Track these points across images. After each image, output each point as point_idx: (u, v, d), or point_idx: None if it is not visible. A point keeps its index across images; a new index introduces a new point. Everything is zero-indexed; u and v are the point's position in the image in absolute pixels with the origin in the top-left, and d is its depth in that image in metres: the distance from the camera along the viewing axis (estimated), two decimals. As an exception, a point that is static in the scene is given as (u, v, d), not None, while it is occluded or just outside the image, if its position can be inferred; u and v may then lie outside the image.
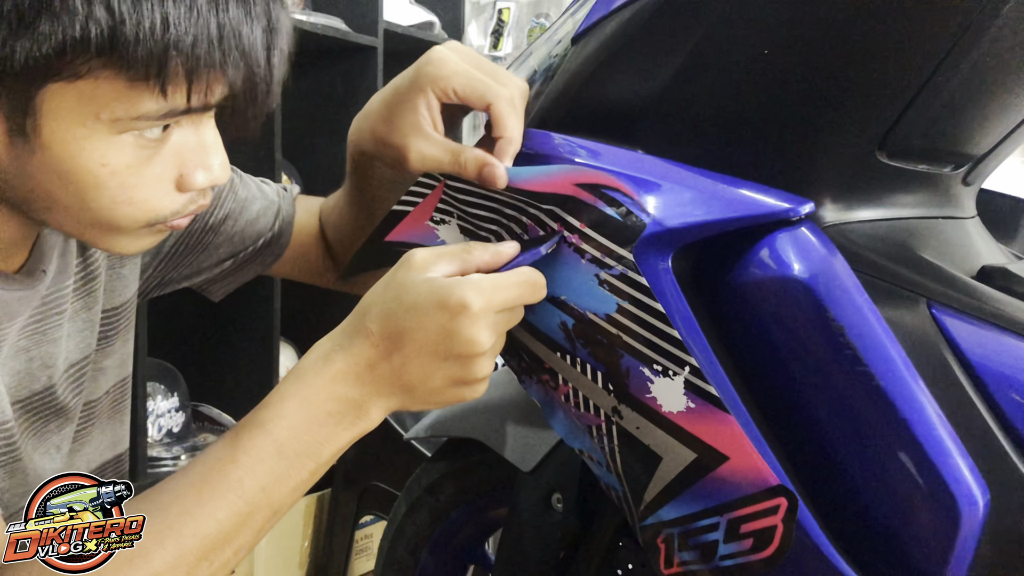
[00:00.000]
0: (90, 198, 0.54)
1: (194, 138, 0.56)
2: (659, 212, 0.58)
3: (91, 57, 0.49)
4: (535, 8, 2.44)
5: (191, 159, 0.56)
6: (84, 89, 0.50)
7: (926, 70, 0.57)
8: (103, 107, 0.51)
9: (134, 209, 0.55)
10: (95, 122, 0.51)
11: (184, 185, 0.57)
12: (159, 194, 0.56)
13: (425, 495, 1.05)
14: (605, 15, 0.63)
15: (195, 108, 0.53)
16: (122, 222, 0.56)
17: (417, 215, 0.67)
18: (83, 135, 0.51)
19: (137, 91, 0.50)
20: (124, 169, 0.53)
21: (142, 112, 0.51)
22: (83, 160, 0.52)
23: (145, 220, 0.56)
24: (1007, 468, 0.55)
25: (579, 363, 0.61)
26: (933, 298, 0.58)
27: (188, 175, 0.56)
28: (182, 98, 0.52)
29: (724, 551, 0.59)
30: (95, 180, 0.53)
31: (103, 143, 0.52)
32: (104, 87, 0.50)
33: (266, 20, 0.54)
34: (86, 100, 0.50)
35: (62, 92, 0.50)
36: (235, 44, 0.52)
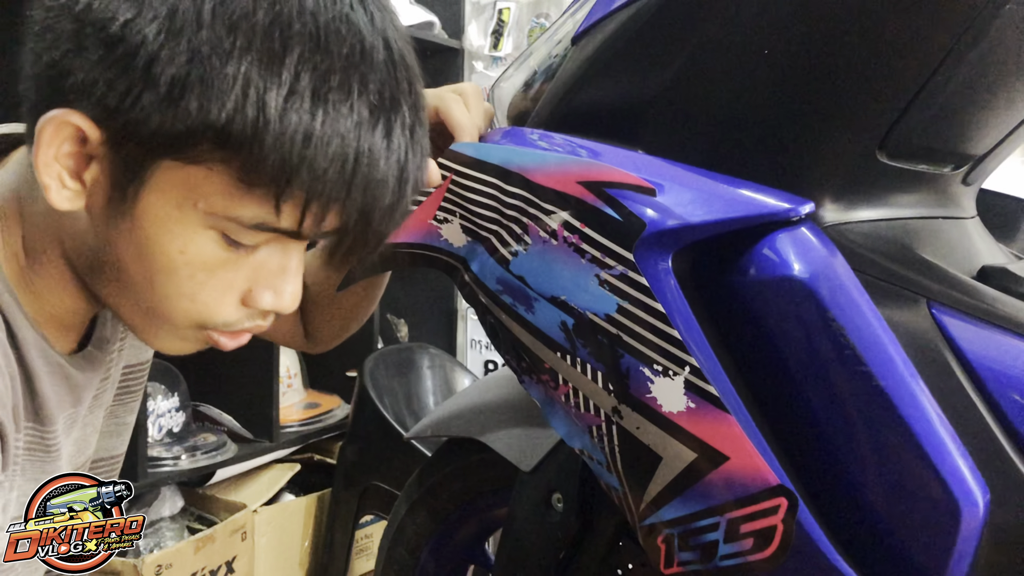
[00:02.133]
0: (158, 281, 0.52)
1: (277, 259, 0.54)
2: (659, 212, 0.58)
3: (216, 146, 0.47)
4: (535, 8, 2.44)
5: (265, 278, 0.54)
6: (194, 174, 0.49)
7: (926, 70, 0.57)
8: (204, 197, 0.49)
9: (192, 307, 0.54)
10: (191, 209, 0.50)
11: (249, 301, 0.55)
12: (221, 301, 0.54)
13: (425, 495, 1.05)
14: (605, 15, 0.63)
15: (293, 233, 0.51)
16: (176, 317, 0.54)
17: (420, 214, 0.67)
18: (175, 218, 0.50)
19: (247, 195, 0.49)
20: (199, 264, 0.52)
21: (239, 215, 0.49)
22: (165, 242, 0.51)
23: (197, 321, 0.55)
24: (1007, 468, 0.55)
25: (579, 363, 0.61)
26: (933, 298, 0.58)
27: (256, 293, 0.54)
28: (289, 220, 0.50)
29: (724, 551, 0.59)
30: (169, 265, 0.51)
31: (189, 232, 0.51)
32: (215, 180, 0.48)
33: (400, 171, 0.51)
34: (192, 185, 0.49)
35: (174, 170, 0.49)
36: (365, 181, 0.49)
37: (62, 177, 0.50)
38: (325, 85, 0.47)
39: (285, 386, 2.00)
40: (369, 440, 1.77)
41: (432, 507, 1.05)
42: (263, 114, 0.46)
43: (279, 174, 0.47)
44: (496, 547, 0.91)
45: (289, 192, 0.48)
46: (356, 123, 0.48)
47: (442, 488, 1.04)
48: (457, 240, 0.67)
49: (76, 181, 0.51)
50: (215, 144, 0.47)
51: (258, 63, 0.46)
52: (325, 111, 0.47)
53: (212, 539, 1.61)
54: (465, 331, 2.52)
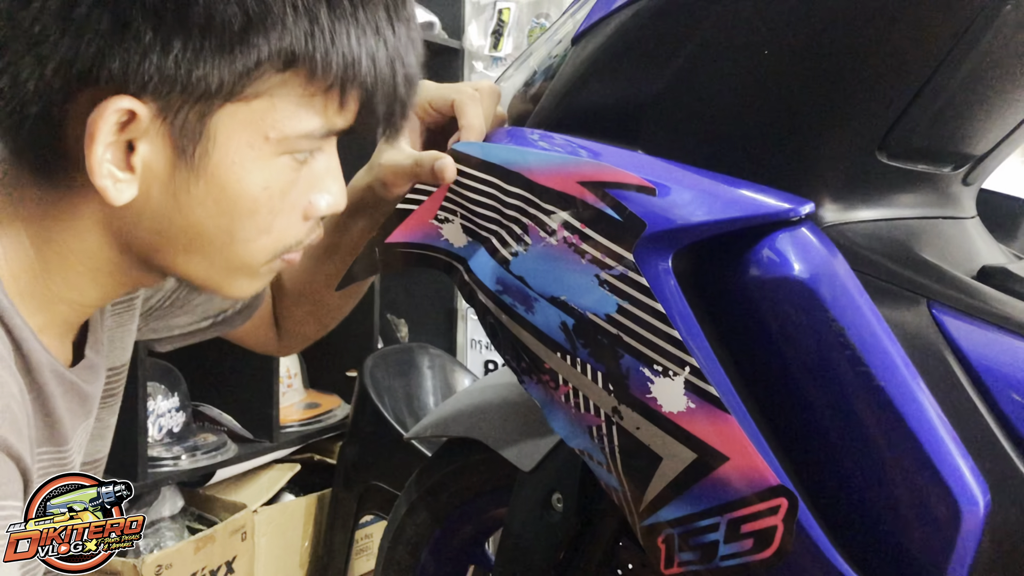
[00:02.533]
0: (239, 227, 0.53)
1: (324, 163, 0.56)
2: (659, 212, 0.58)
3: (277, 71, 0.49)
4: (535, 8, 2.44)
5: (316, 184, 0.56)
6: (258, 108, 0.50)
7: (926, 70, 0.57)
8: (273, 126, 0.51)
9: (271, 239, 0.55)
10: (263, 143, 0.51)
11: (311, 212, 0.57)
12: (291, 223, 0.56)
13: (425, 495, 1.05)
14: (605, 15, 0.63)
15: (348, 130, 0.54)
16: (256, 256, 0.55)
17: (421, 213, 0.67)
18: (251, 157, 0.51)
19: (307, 108, 0.51)
20: (278, 193, 0.53)
21: (309, 129, 0.52)
22: (248, 183, 0.52)
23: (277, 251, 0.56)
24: (1007, 468, 0.55)
25: (579, 363, 0.61)
26: (933, 298, 0.58)
27: (314, 201, 0.56)
28: (348, 116, 0.53)
29: (725, 551, 0.59)
30: (253, 205, 0.52)
31: (267, 165, 0.52)
32: (278, 105, 0.50)
33: (417, 48, 0.56)
34: (258, 119, 0.50)
35: (236, 113, 0.50)
36: (404, 62, 0.54)
37: (113, 172, 0.49)
38: None
39: (285, 386, 2.00)
40: (369, 440, 1.77)
41: (432, 507, 1.05)
42: (317, 26, 0.49)
43: (345, 73, 0.51)
44: (496, 547, 0.91)
45: (350, 90, 0.51)
46: (386, 19, 0.52)
47: (442, 488, 1.04)
48: (457, 240, 0.67)
49: (126, 171, 0.50)
50: (277, 70, 0.49)
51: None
52: (364, 11, 0.51)
53: (212, 539, 1.61)
54: (465, 331, 2.52)
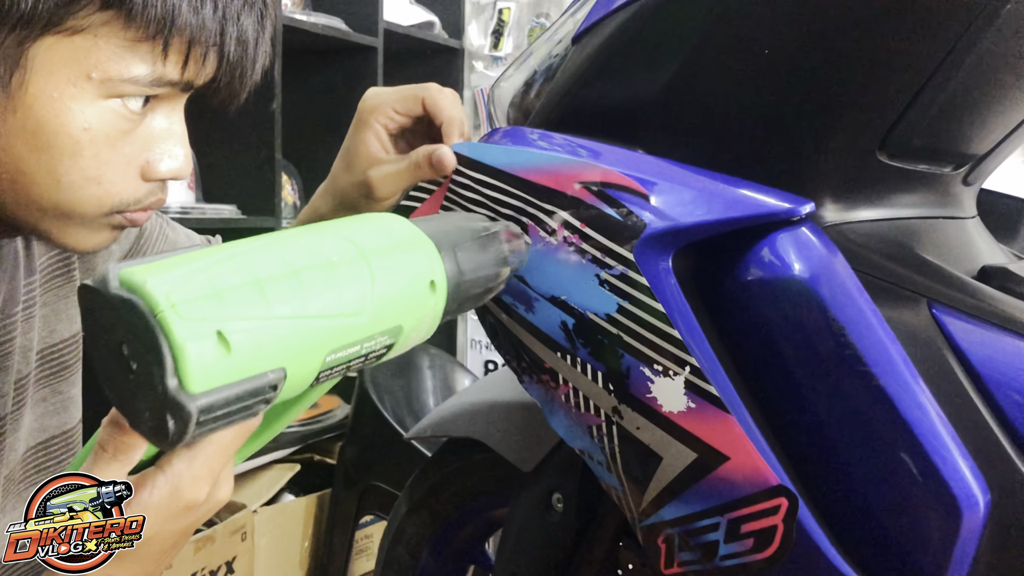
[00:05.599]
0: (63, 168, 0.52)
1: (165, 124, 0.55)
2: (659, 212, 0.58)
3: (97, 9, 0.48)
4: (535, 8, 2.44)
5: (159, 146, 0.55)
6: (81, 45, 0.49)
7: (927, 70, 0.57)
8: (96, 65, 0.49)
9: (100, 190, 0.54)
10: (86, 82, 0.50)
11: (149, 172, 0.55)
12: (126, 178, 0.55)
13: (425, 495, 1.05)
14: (605, 15, 0.63)
15: (181, 83, 0.53)
16: (86, 206, 0.54)
17: (424, 211, 0.67)
18: (71, 94, 0.50)
19: (133, 53, 0.50)
20: (103, 138, 0.52)
21: (135, 75, 0.50)
22: (66, 120, 0.50)
23: (108, 205, 0.55)
24: (1008, 468, 0.55)
25: (579, 363, 0.61)
26: (934, 298, 0.58)
27: (154, 161, 0.55)
28: (175, 68, 0.52)
29: (725, 551, 0.59)
30: (74, 146, 0.51)
31: (89, 106, 0.51)
32: (101, 45, 0.49)
33: (261, 9, 0.55)
34: (81, 57, 0.49)
35: (57, 46, 0.49)
36: (235, 25, 0.53)
37: None
38: None
39: (285, 386, 1.99)
40: (369, 440, 1.77)
41: (432, 507, 1.05)
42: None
43: (162, 21, 0.49)
44: (496, 547, 0.91)
45: (172, 39, 0.50)
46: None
47: (442, 488, 1.04)
48: None
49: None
50: (97, 8, 0.48)
51: None
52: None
53: (212, 539, 1.61)
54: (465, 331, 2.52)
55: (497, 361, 2.41)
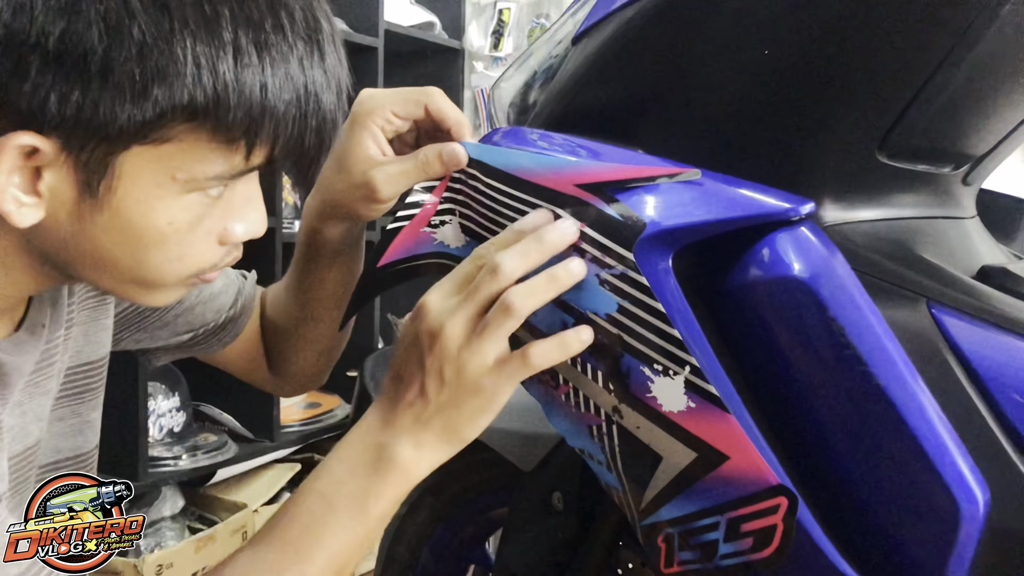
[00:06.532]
0: (146, 256, 0.54)
1: (241, 193, 0.57)
2: (660, 212, 0.58)
3: (183, 120, 0.49)
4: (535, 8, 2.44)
5: (234, 213, 0.57)
6: (166, 151, 0.51)
7: (926, 70, 0.57)
8: (180, 167, 0.51)
9: (183, 265, 0.56)
10: (171, 183, 0.52)
11: (227, 238, 0.57)
12: (205, 249, 0.57)
13: (426, 495, 1.05)
14: (605, 15, 0.63)
15: (262, 167, 0.55)
16: (168, 278, 0.56)
17: (413, 226, 0.67)
18: (156, 195, 0.52)
19: (216, 153, 0.51)
20: (186, 227, 0.54)
21: (219, 172, 0.52)
22: (151, 218, 0.52)
23: (189, 274, 0.57)
24: (1007, 467, 0.55)
25: (579, 363, 0.61)
26: (933, 298, 0.58)
27: (230, 229, 0.57)
28: (257, 158, 0.53)
29: (724, 550, 0.59)
30: (159, 238, 0.53)
31: (173, 203, 0.53)
32: (186, 149, 0.51)
33: (337, 85, 0.55)
34: (165, 161, 0.51)
35: (144, 154, 0.50)
36: (316, 109, 0.53)
37: (17, 197, 0.50)
38: (262, 34, 0.50)
39: (285, 386, 1.99)
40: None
41: (432, 507, 1.05)
42: (221, 80, 0.48)
43: (248, 126, 0.50)
44: (496, 547, 0.92)
45: (257, 141, 0.51)
46: (299, 60, 0.51)
47: (442, 488, 1.04)
48: (455, 240, 0.67)
49: (32, 195, 0.51)
50: (182, 119, 0.49)
51: (199, 35, 0.48)
52: (271, 58, 0.50)
53: (213, 539, 1.62)
54: (465, 331, 2.52)
55: (497, 361, 2.41)
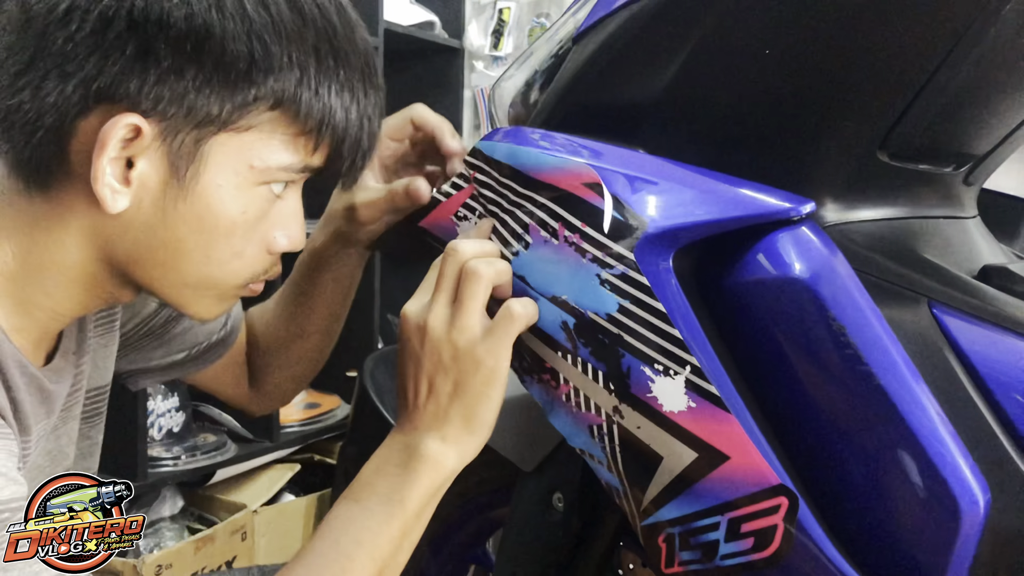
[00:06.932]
0: (217, 247, 0.57)
1: (292, 204, 0.62)
2: (660, 212, 0.58)
3: (268, 109, 0.55)
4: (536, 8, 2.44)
5: (279, 222, 0.61)
6: (247, 139, 0.55)
7: (927, 70, 0.57)
8: (258, 156, 0.56)
9: (240, 264, 0.59)
10: (248, 171, 0.56)
11: (274, 247, 0.61)
12: (258, 252, 0.60)
13: (425, 495, 1.05)
14: (606, 15, 0.63)
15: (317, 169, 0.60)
16: (227, 279, 0.60)
17: (446, 208, 0.69)
18: (235, 183, 0.56)
19: (290, 145, 0.57)
20: (253, 220, 0.58)
21: (289, 164, 0.57)
22: (229, 206, 0.56)
23: (243, 278, 0.61)
24: (1008, 468, 0.55)
25: (580, 363, 0.61)
26: (934, 298, 0.58)
27: (277, 238, 0.61)
28: (320, 158, 0.59)
29: (725, 550, 0.59)
30: (231, 227, 0.57)
31: (247, 192, 0.57)
32: (266, 139, 0.56)
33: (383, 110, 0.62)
34: (246, 149, 0.55)
35: (229, 141, 0.55)
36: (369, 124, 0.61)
37: (112, 184, 0.53)
38: (340, 61, 0.58)
39: (285, 386, 1.99)
40: (369, 440, 1.76)
41: (432, 507, 1.04)
42: (306, 76, 0.55)
43: (321, 124, 0.57)
44: (497, 547, 0.91)
45: (325, 135, 0.58)
46: (361, 82, 0.59)
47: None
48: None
49: (123, 184, 0.54)
50: (268, 107, 0.55)
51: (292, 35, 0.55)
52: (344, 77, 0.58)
53: (212, 539, 1.62)
54: (465, 331, 2.51)
55: (497, 361, 2.40)
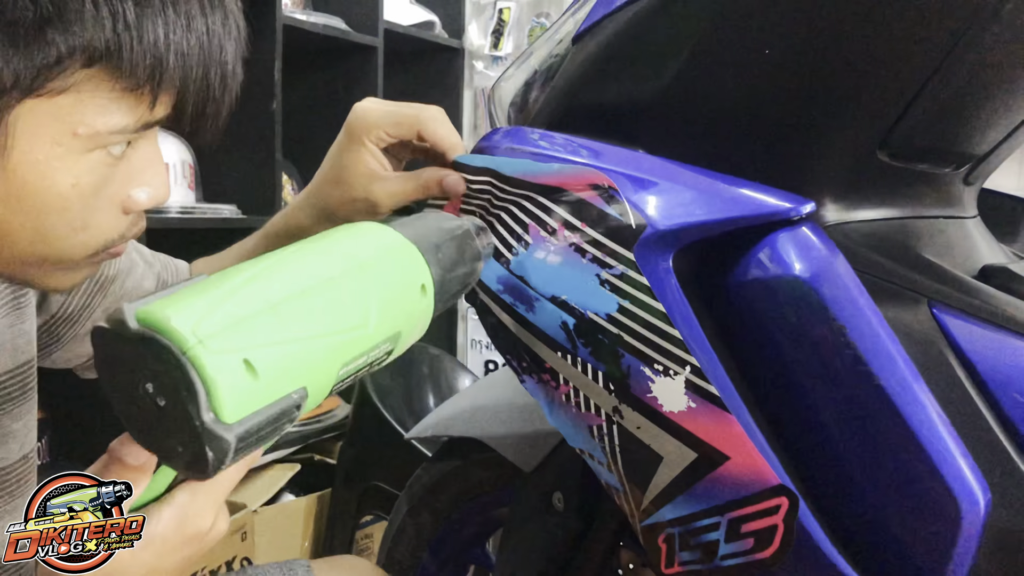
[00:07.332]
0: (49, 224, 0.50)
1: (143, 153, 0.53)
2: (660, 212, 0.58)
3: (81, 67, 0.46)
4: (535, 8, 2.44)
5: (136, 178, 0.53)
6: (63, 104, 0.47)
7: (927, 70, 0.57)
8: (81, 122, 0.48)
9: (88, 235, 0.52)
10: (72, 139, 0.48)
11: (131, 206, 0.54)
12: (109, 218, 0.53)
13: (426, 495, 1.05)
14: (606, 15, 0.63)
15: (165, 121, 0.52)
16: (73, 252, 0.52)
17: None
18: (57, 154, 0.48)
19: (119, 104, 0.48)
20: (90, 189, 0.50)
21: (123, 125, 0.49)
22: (54, 181, 0.49)
23: (95, 247, 0.53)
24: (1008, 468, 0.55)
25: (580, 363, 0.61)
26: (934, 298, 0.58)
27: (135, 195, 0.53)
28: (161, 110, 0.50)
29: (725, 551, 0.59)
30: (62, 203, 0.50)
31: (76, 162, 0.49)
32: (86, 100, 0.47)
33: (237, 32, 0.53)
34: (64, 115, 0.47)
35: (38, 108, 0.47)
36: (218, 57, 0.51)
37: None
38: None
39: (285, 386, 1.99)
40: (369, 440, 1.77)
41: (433, 507, 1.05)
42: (121, 21, 0.46)
43: (152, 71, 0.47)
44: (497, 547, 0.91)
45: (162, 86, 0.48)
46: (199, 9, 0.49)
47: (443, 488, 1.04)
48: None
49: None
50: (81, 65, 0.46)
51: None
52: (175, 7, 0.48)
53: (212, 539, 1.61)
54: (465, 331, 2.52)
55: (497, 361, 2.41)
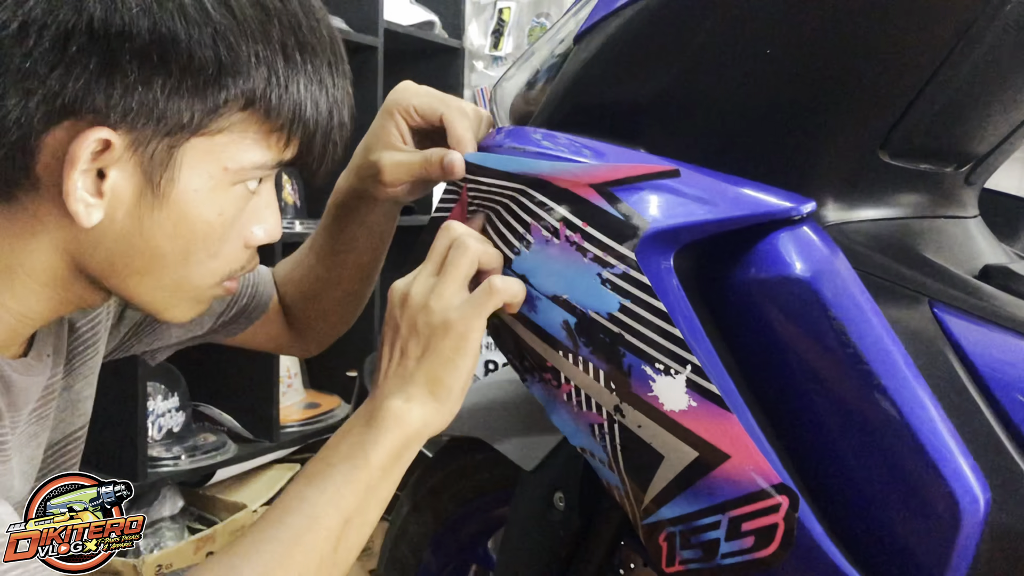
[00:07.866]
0: (193, 249, 0.57)
1: (266, 195, 0.61)
2: (661, 211, 0.58)
3: (239, 110, 0.54)
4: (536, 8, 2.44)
5: (255, 216, 0.61)
6: (220, 142, 0.55)
7: (928, 69, 0.57)
8: (231, 157, 0.56)
9: (217, 264, 0.59)
10: (222, 173, 0.56)
11: (251, 241, 0.61)
12: (235, 249, 0.60)
13: (427, 495, 1.05)
14: (607, 14, 0.63)
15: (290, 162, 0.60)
16: (205, 280, 0.59)
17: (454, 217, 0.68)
18: (209, 186, 0.56)
19: (262, 143, 0.56)
20: (230, 220, 0.58)
21: (263, 162, 0.57)
22: (204, 210, 0.56)
23: (221, 275, 0.60)
24: (1008, 467, 0.55)
25: (581, 362, 0.61)
26: (935, 297, 0.58)
27: (254, 230, 0.61)
28: (292, 151, 0.59)
29: (726, 549, 0.59)
30: (208, 230, 0.57)
31: (222, 194, 0.56)
32: (237, 139, 0.55)
33: (350, 94, 0.62)
34: (219, 151, 0.55)
35: (200, 145, 0.54)
36: (339, 110, 0.60)
37: (85, 199, 0.53)
38: (306, 53, 0.57)
39: (285, 386, 2.00)
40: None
41: (434, 507, 1.05)
42: (274, 75, 0.55)
43: (292, 118, 0.57)
44: (498, 546, 0.91)
45: (296, 130, 0.57)
46: (329, 73, 0.59)
47: (444, 488, 1.04)
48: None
49: (95, 196, 0.53)
50: (239, 109, 0.54)
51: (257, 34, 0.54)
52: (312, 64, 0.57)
53: (212, 539, 1.61)
54: (465, 331, 2.51)
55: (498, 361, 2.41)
